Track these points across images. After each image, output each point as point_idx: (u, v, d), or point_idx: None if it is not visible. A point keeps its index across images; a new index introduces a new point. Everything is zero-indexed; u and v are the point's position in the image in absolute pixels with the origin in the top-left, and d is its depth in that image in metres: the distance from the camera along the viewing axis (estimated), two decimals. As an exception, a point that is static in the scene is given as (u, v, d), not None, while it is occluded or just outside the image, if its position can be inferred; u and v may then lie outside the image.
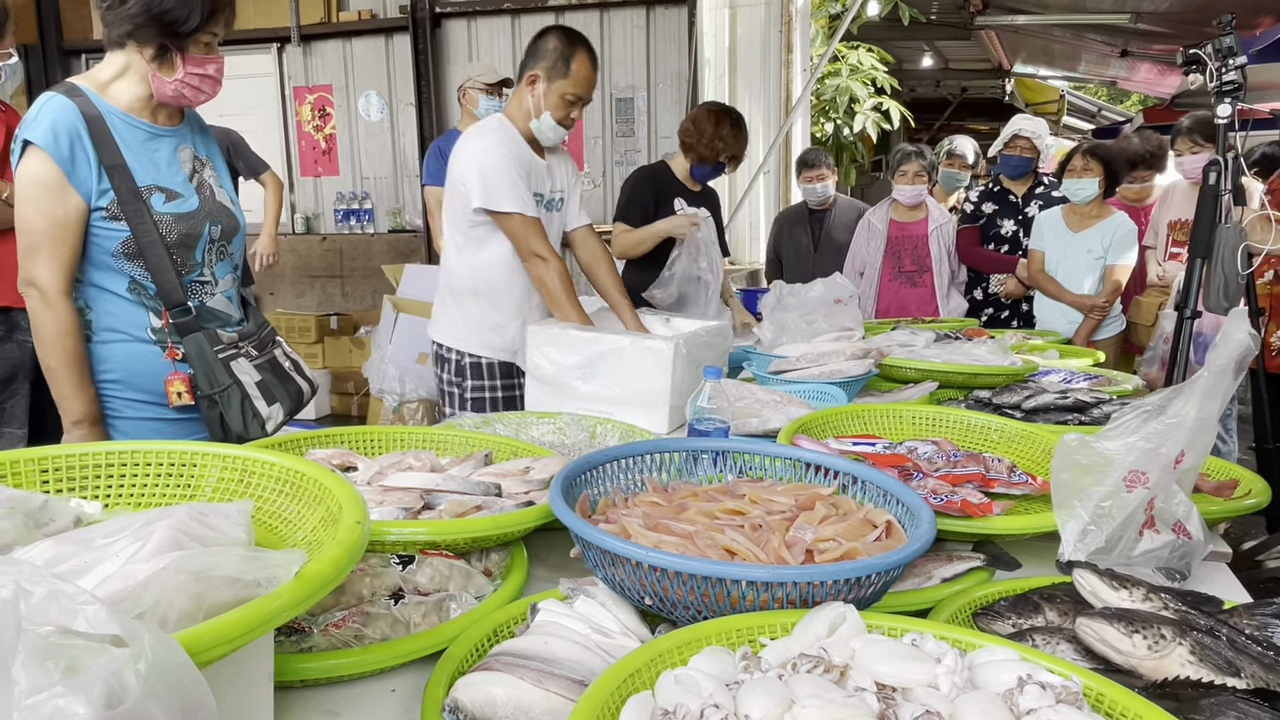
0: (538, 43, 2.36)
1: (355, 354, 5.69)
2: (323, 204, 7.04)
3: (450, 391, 2.49)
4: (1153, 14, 6.35)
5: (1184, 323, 2.43)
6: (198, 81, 1.75)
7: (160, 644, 0.54)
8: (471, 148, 2.33)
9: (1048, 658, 0.82)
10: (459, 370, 2.44)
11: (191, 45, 1.71)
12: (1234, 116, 2.22)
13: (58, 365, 1.70)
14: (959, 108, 13.40)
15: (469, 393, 2.43)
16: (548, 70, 2.32)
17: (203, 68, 1.74)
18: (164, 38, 1.68)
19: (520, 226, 2.29)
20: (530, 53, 2.37)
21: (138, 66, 1.73)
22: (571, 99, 2.34)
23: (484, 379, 2.42)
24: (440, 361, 2.51)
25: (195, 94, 1.77)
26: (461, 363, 2.43)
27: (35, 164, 1.65)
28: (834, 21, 6.13)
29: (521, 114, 2.38)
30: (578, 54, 2.32)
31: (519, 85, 2.39)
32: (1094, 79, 10.96)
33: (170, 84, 1.73)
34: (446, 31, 6.49)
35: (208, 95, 1.79)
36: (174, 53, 1.71)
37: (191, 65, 1.73)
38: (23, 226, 1.68)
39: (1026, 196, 3.99)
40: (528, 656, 0.88)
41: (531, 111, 2.36)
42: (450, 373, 2.47)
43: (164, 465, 0.99)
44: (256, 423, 1.84)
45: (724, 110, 3.25)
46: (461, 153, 2.34)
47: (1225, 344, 1.24)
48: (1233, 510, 1.45)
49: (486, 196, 2.28)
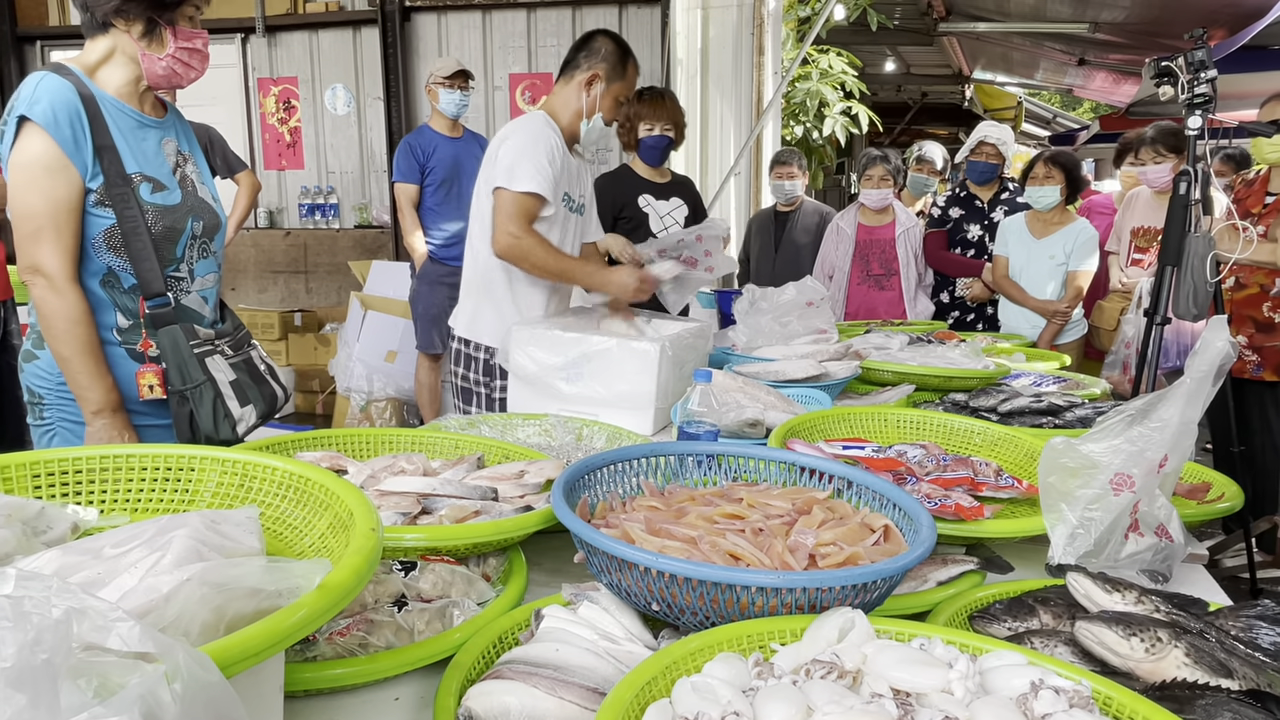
0: (590, 43, 2.36)
1: (320, 351, 5.60)
2: (286, 198, 6.91)
3: (477, 391, 2.39)
4: (1110, 24, 6.51)
5: (1153, 329, 2.49)
6: (188, 56, 1.71)
7: (195, 661, 0.53)
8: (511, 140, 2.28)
9: (1056, 661, 0.84)
10: (488, 370, 2.35)
11: (179, 18, 1.67)
12: (1204, 128, 2.29)
13: (72, 355, 1.64)
14: (919, 112, 13.61)
15: (498, 392, 2.34)
16: (608, 72, 2.32)
17: (192, 42, 1.70)
18: (152, 11, 1.63)
19: (517, 202, 2.21)
20: (584, 52, 2.36)
21: (126, 48, 1.68)
22: (623, 101, 2.38)
23: None
24: (464, 360, 2.41)
25: (186, 70, 1.72)
26: (492, 362, 2.33)
27: (36, 143, 1.58)
28: (803, 25, 6.18)
29: (570, 112, 2.36)
30: (630, 59, 2.38)
31: (568, 85, 2.36)
32: (1050, 86, 11.20)
33: (161, 61, 1.68)
34: (416, 25, 6.41)
35: (198, 72, 1.74)
36: (163, 27, 1.66)
37: (182, 39, 1.68)
38: (24, 210, 1.60)
39: (992, 202, 4.07)
40: (540, 664, 0.88)
41: (585, 111, 2.34)
42: (478, 371, 2.37)
43: (160, 470, 0.96)
44: (227, 423, 1.78)
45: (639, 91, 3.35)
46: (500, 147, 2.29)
47: (1206, 350, 1.27)
48: (1207, 514, 1.49)
49: (507, 176, 2.22)
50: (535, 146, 2.24)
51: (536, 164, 2.22)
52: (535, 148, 2.24)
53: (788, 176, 4.26)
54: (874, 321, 3.51)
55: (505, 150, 2.27)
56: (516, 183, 2.21)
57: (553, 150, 2.27)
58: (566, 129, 2.37)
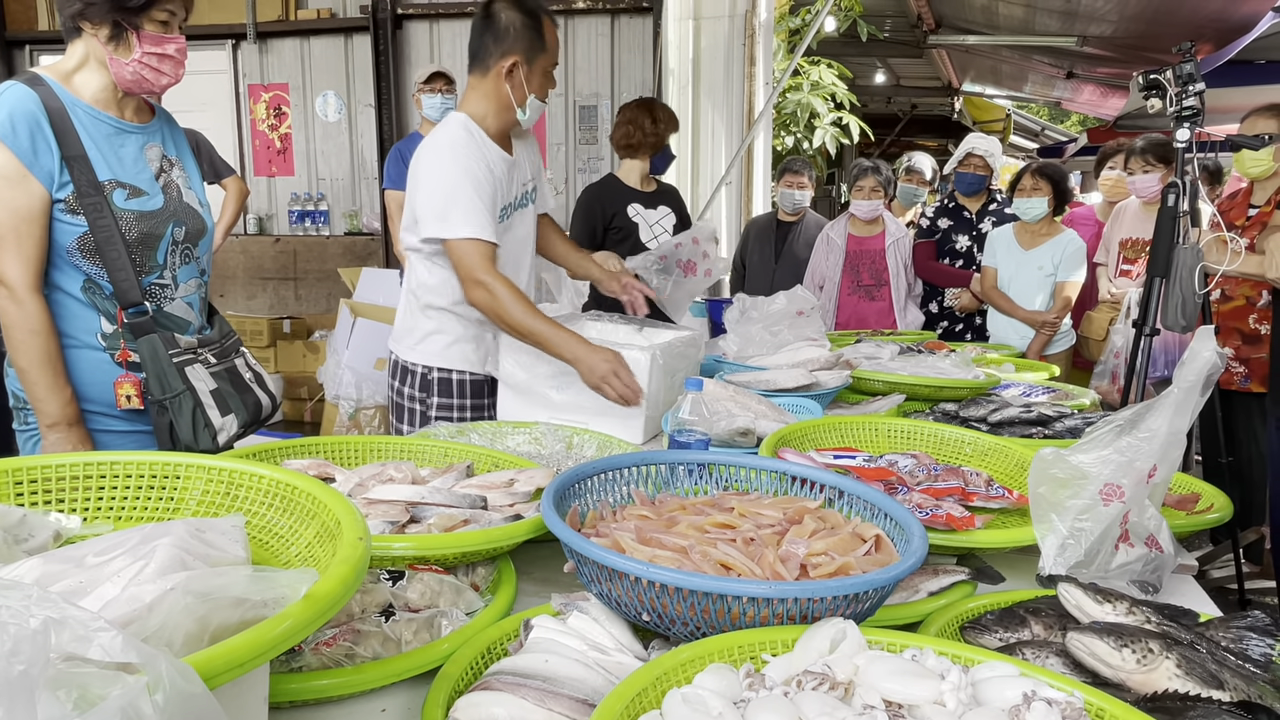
0: (494, 24, 2.07)
1: (309, 358, 5.57)
2: (276, 204, 6.88)
3: (411, 408, 2.27)
4: (1099, 38, 6.58)
5: (1142, 339, 2.50)
6: (156, 62, 1.68)
7: (178, 672, 0.52)
8: (426, 165, 2.06)
9: (1048, 673, 0.83)
10: (424, 385, 2.25)
11: (146, 23, 1.65)
12: (1192, 141, 2.31)
13: (29, 366, 1.63)
14: (909, 124, 13.71)
15: (434, 410, 2.24)
16: (526, 50, 2.06)
17: (161, 47, 1.67)
18: (115, 14, 1.62)
19: (470, 250, 1.99)
20: (489, 37, 2.08)
21: (96, 52, 1.66)
22: (551, 68, 2.13)
23: (453, 396, 2.23)
24: (402, 374, 2.29)
25: (156, 76, 1.69)
26: (429, 377, 2.24)
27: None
28: (794, 36, 6.21)
29: (495, 108, 2.11)
30: (544, 21, 2.09)
31: (484, 78, 2.10)
32: (1039, 99, 11.30)
33: (128, 66, 1.66)
34: (408, 33, 6.41)
35: (170, 78, 1.71)
36: (129, 31, 1.64)
37: (148, 44, 1.65)
38: None
39: (980, 213, 4.09)
40: (528, 675, 0.87)
41: (514, 101, 2.09)
42: (414, 387, 2.26)
43: (145, 477, 0.95)
44: (207, 433, 1.76)
45: (648, 100, 3.38)
46: (418, 168, 2.09)
47: (1193, 360, 1.28)
48: (1196, 524, 1.50)
49: (441, 224, 2.01)
50: (459, 184, 2.00)
51: (468, 205, 1.99)
52: (459, 186, 2.00)
53: (798, 186, 4.27)
54: (864, 331, 3.52)
55: (425, 187, 2.05)
56: (455, 230, 1.99)
57: (478, 175, 2.02)
58: (495, 128, 2.12)
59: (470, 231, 1.98)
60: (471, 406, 2.25)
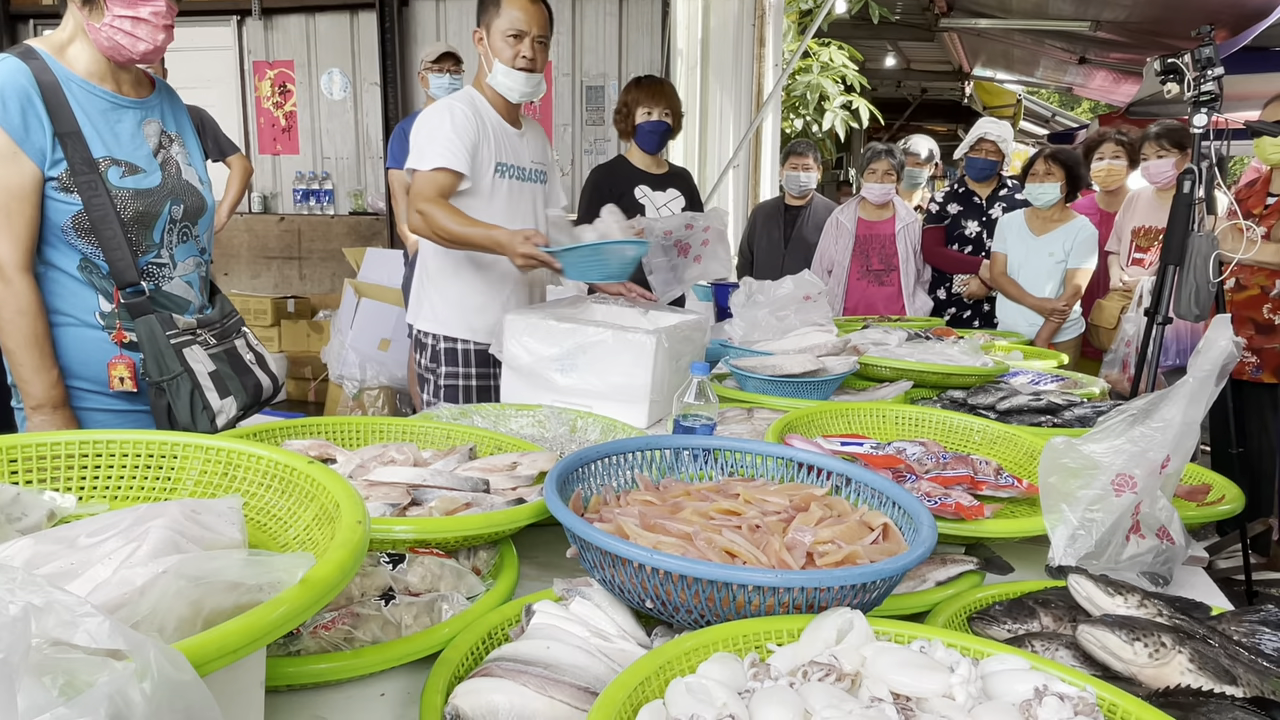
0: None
1: (313, 338, 5.56)
2: (281, 183, 6.85)
3: (425, 378, 2.42)
4: (1112, 23, 6.48)
5: (1154, 328, 2.47)
6: (130, 26, 1.60)
7: (167, 659, 0.50)
8: (422, 118, 2.25)
9: (1059, 667, 0.82)
10: (434, 356, 2.37)
11: None
12: (1209, 126, 2.26)
13: (16, 347, 1.61)
14: (919, 108, 13.58)
15: (443, 379, 2.35)
16: (486, 15, 2.24)
17: (133, 9, 1.60)
18: None
19: (428, 181, 2.14)
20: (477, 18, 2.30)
21: (80, 20, 1.62)
22: (514, 34, 2.21)
23: (458, 365, 2.35)
24: (417, 346, 2.45)
25: (132, 41, 1.62)
26: (437, 348, 2.35)
27: None
28: (804, 18, 6.14)
29: (484, 81, 2.30)
30: None
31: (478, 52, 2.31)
32: (1050, 84, 11.17)
33: (102, 31, 1.60)
34: (415, 11, 6.35)
35: (148, 43, 1.63)
36: None
37: (120, 6, 1.59)
38: None
39: (991, 198, 4.04)
40: (529, 662, 0.85)
41: (487, 69, 2.27)
42: (426, 358, 2.40)
43: (142, 456, 0.93)
44: (205, 416, 1.74)
45: (637, 78, 3.32)
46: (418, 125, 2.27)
47: (1209, 350, 1.25)
48: (1208, 516, 1.48)
49: (418, 159, 2.18)
50: (440, 122, 2.18)
51: (444, 139, 2.16)
52: (440, 123, 2.18)
53: (803, 168, 4.23)
54: (872, 317, 3.49)
55: (415, 133, 2.23)
56: (424, 161, 2.17)
57: (466, 120, 2.19)
58: (495, 98, 2.31)
59: (438, 161, 2.14)
60: (477, 375, 2.32)
